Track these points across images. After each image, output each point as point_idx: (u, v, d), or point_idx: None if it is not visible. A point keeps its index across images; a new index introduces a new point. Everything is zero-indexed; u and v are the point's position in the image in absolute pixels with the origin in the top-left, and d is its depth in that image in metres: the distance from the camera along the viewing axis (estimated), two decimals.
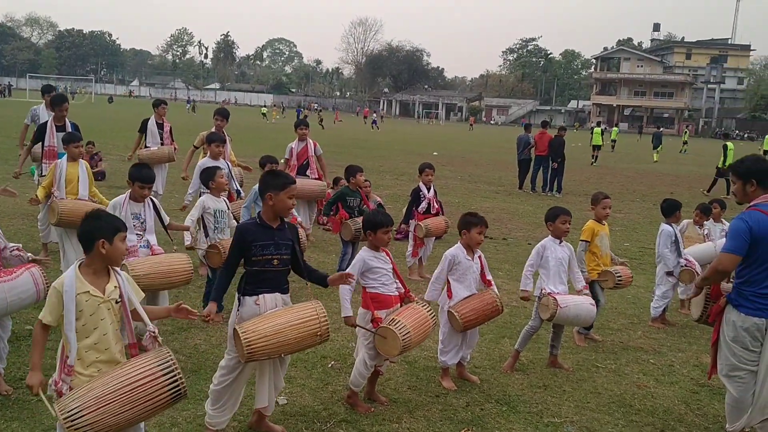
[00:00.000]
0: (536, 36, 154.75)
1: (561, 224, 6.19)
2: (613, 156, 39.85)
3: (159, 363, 3.52)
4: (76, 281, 3.52)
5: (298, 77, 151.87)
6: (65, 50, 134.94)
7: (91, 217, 3.70)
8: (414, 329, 4.90)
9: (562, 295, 6.03)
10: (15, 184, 13.93)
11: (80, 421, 3.29)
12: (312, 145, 10.38)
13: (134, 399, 3.41)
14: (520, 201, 18.02)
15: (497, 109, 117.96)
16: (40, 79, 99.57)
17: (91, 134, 16.23)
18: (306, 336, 4.37)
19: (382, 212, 5.65)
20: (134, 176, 5.98)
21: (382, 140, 40.87)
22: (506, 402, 5.43)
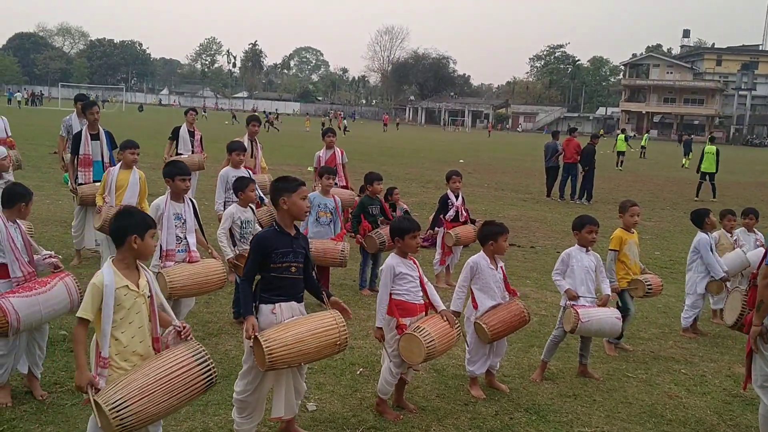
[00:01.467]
0: (564, 43, 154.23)
1: (587, 233, 6.15)
2: (642, 163, 39.49)
3: (193, 354, 3.70)
4: (115, 276, 3.64)
5: (324, 85, 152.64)
6: (96, 60, 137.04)
7: (123, 214, 3.83)
8: (439, 338, 4.90)
9: (586, 307, 5.98)
10: (47, 191, 14.23)
11: (125, 412, 3.39)
12: (339, 153, 10.44)
13: (173, 388, 3.55)
14: (548, 209, 17.92)
15: (524, 117, 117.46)
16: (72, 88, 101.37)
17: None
18: (326, 345, 4.39)
19: (409, 218, 5.66)
20: (172, 172, 6.04)
21: (408, 148, 40.90)
22: (536, 411, 5.41)
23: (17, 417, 4.70)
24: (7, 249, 4.80)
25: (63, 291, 4.85)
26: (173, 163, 6.19)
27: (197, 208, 6.30)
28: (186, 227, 5.99)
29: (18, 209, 4.97)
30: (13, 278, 4.80)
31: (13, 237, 4.86)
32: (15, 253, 4.81)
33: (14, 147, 9.47)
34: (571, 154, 19.87)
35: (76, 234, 8.90)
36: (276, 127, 51.67)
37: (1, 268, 4.84)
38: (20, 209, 4.97)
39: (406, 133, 66.20)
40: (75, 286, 4.92)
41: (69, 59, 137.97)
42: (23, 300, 4.61)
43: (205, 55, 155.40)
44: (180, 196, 6.07)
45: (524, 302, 5.99)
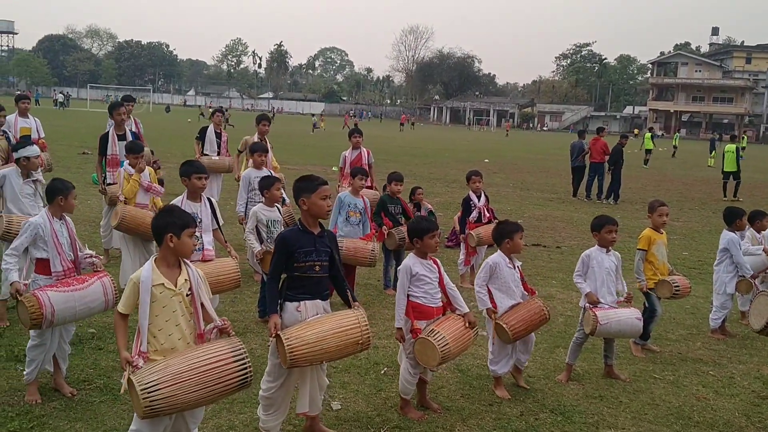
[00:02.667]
0: (590, 41, 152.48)
1: (606, 234, 6.08)
2: (670, 162, 39.06)
3: (231, 350, 3.73)
4: (152, 274, 3.72)
5: (349, 85, 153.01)
6: (124, 61, 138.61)
7: (162, 213, 3.93)
8: (453, 340, 4.87)
9: (605, 309, 5.92)
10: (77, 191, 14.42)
11: (156, 394, 3.44)
12: (366, 153, 10.46)
13: (206, 380, 3.59)
14: (574, 209, 17.78)
15: (550, 116, 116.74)
16: (100, 90, 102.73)
17: (149, 143, 16.67)
18: (348, 344, 4.41)
19: (427, 218, 5.64)
20: (188, 171, 6.11)
21: (432, 147, 40.85)
22: (561, 412, 5.37)
23: (47, 414, 4.78)
24: (50, 244, 4.92)
25: (99, 290, 4.92)
26: (189, 162, 6.25)
27: (216, 207, 6.34)
28: (202, 226, 6.05)
29: (58, 204, 5.06)
30: (54, 273, 4.92)
31: (57, 232, 4.97)
32: (57, 248, 4.94)
33: (46, 148, 9.63)
34: (598, 153, 19.71)
35: (104, 233, 9.02)
36: (231, 124, 50.55)
37: (44, 264, 4.95)
38: (60, 203, 5.05)
39: (431, 133, 66.14)
40: (111, 287, 4.99)
41: (97, 61, 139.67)
42: (60, 295, 4.70)
43: (231, 56, 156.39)
44: (197, 195, 6.13)
45: (547, 302, 5.95)
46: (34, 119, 9.70)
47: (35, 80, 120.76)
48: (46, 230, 4.94)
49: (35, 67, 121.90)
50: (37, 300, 4.59)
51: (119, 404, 4.96)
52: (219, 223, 6.34)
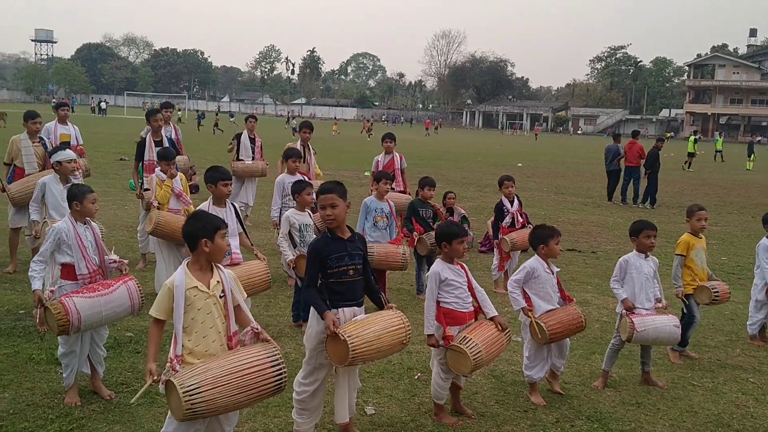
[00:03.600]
0: (625, 44, 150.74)
1: (645, 239, 5.99)
2: (708, 166, 38.38)
3: (268, 355, 3.77)
4: (186, 278, 3.77)
5: (381, 91, 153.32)
6: (160, 68, 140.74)
7: (192, 218, 3.98)
8: (486, 347, 4.84)
9: (642, 316, 5.83)
10: (114, 197, 14.68)
11: (197, 397, 3.48)
12: (398, 158, 10.46)
13: (244, 384, 3.63)
14: (609, 213, 17.57)
15: (584, 119, 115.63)
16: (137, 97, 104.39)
17: (185, 149, 16.90)
18: (396, 343, 4.49)
19: (456, 223, 5.62)
20: (214, 177, 6.19)
21: (464, 152, 40.73)
22: (597, 419, 5.31)
23: (86, 416, 4.86)
24: (74, 248, 5.00)
25: (124, 294, 4.99)
26: (215, 168, 6.32)
27: (239, 212, 6.41)
28: (228, 231, 6.10)
29: (74, 208, 5.14)
30: (80, 276, 5.00)
31: (82, 236, 5.05)
32: (82, 252, 5.01)
33: (84, 155, 9.81)
34: (634, 157, 19.47)
35: (141, 238, 9.14)
36: (221, 128, 49.58)
37: (69, 268, 5.03)
38: (76, 208, 5.13)
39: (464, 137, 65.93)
40: (137, 290, 5.05)
41: (134, 68, 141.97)
42: (86, 300, 4.78)
43: (264, 63, 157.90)
44: (222, 201, 6.20)
45: (582, 307, 5.89)
46: (73, 126, 9.90)
47: (74, 88, 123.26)
48: (70, 234, 5.02)
49: (74, 75, 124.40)
50: (64, 307, 4.67)
51: (156, 407, 5.03)
52: (243, 227, 6.41)
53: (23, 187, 8.03)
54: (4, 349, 5.97)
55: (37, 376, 5.48)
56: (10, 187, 8.20)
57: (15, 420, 4.71)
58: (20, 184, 8.13)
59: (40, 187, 6.93)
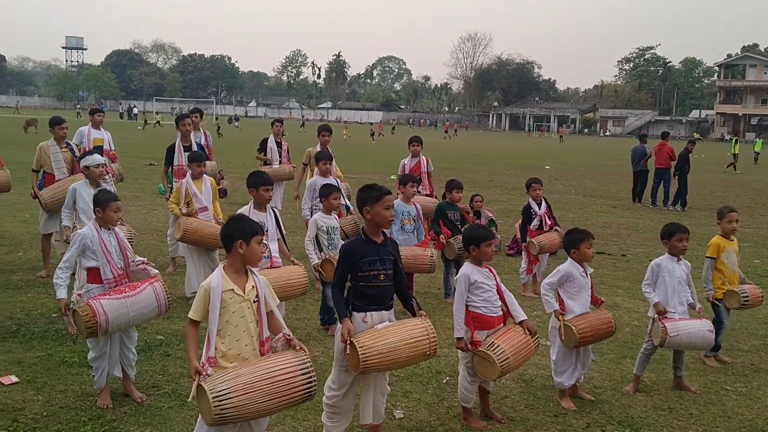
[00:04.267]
0: (654, 44, 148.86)
1: (677, 242, 5.91)
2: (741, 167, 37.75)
3: (299, 362, 3.77)
4: (222, 280, 3.79)
5: (407, 94, 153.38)
6: (188, 74, 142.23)
7: (232, 220, 4.01)
8: (513, 353, 4.80)
9: (675, 321, 5.74)
10: (144, 201, 14.86)
11: (227, 403, 3.50)
12: (425, 161, 10.45)
13: (274, 391, 3.64)
14: (639, 215, 17.38)
15: (613, 121, 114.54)
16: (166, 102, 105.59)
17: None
18: (416, 355, 4.44)
19: (483, 226, 5.60)
20: (256, 182, 6.23)
21: (491, 154, 40.58)
22: (629, 424, 5.24)
23: (117, 419, 4.91)
24: (99, 253, 5.08)
25: (151, 296, 5.03)
26: (257, 173, 6.36)
27: (279, 217, 6.44)
28: (268, 235, 6.14)
29: (97, 214, 5.23)
30: (105, 280, 5.07)
31: (106, 242, 5.13)
32: (106, 256, 5.09)
33: (116, 160, 9.96)
34: (664, 159, 19.24)
35: (171, 242, 9.23)
36: (220, 133, 47.62)
37: (95, 272, 5.11)
38: (98, 214, 5.22)
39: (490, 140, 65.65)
40: (163, 292, 5.10)
41: (163, 74, 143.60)
42: (112, 302, 4.84)
43: (291, 67, 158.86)
44: (263, 206, 6.23)
45: (612, 311, 5.83)
46: (106, 132, 10.05)
47: (104, 94, 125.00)
48: (94, 240, 5.10)
49: (104, 81, 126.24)
50: (91, 309, 4.74)
51: (187, 410, 5.07)
52: (282, 233, 6.43)
53: (54, 192, 8.15)
54: (38, 352, 6.07)
55: (70, 378, 5.55)
56: (42, 193, 8.33)
57: (49, 422, 4.78)
58: (51, 189, 8.26)
59: (71, 193, 7.03)
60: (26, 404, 5.03)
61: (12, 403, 5.00)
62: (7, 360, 5.82)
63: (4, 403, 4.93)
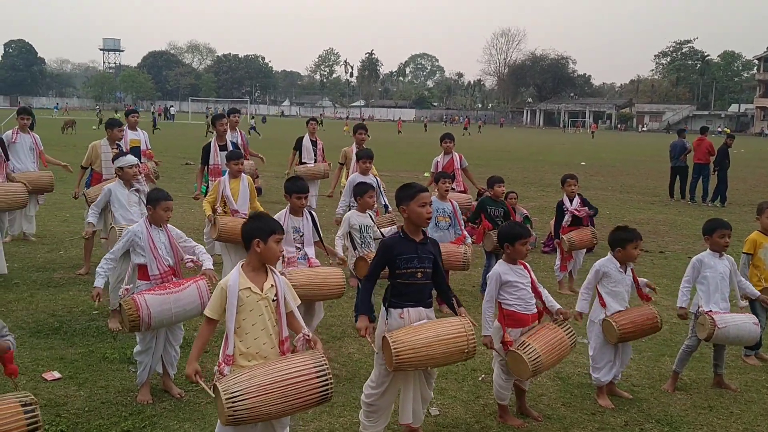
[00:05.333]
0: (691, 38, 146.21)
1: (719, 238, 5.81)
2: None
3: (314, 364, 3.73)
4: (239, 278, 3.81)
5: (439, 91, 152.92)
6: (223, 74, 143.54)
7: (251, 218, 4.03)
8: (546, 353, 4.76)
9: (722, 313, 5.65)
10: (180, 200, 15.05)
11: (240, 405, 3.50)
12: (458, 158, 10.41)
13: (288, 393, 3.61)
14: (677, 212, 17.11)
15: (649, 116, 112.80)
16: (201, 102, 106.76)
17: None
18: (453, 352, 4.39)
19: (519, 223, 5.55)
20: (291, 189, 6.27)
21: (526, 151, 40.28)
22: (668, 422, 5.17)
23: (157, 414, 5.00)
24: (147, 249, 5.19)
25: (194, 293, 5.11)
26: (293, 180, 6.41)
27: (317, 220, 6.46)
28: (303, 239, 6.18)
29: (149, 212, 5.34)
30: (152, 277, 5.17)
31: (155, 239, 5.24)
32: (154, 253, 5.20)
33: (153, 158, 10.12)
34: (703, 154, 18.90)
35: (207, 241, 9.33)
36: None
37: (143, 269, 5.23)
38: (149, 211, 5.33)
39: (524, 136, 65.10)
40: (207, 290, 5.16)
41: (198, 75, 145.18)
42: (156, 297, 4.94)
43: (323, 66, 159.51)
44: (299, 211, 6.27)
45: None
46: (142, 132, 10.23)
47: (140, 95, 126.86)
48: (143, 237, 5.21)
49: (140, 82, 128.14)
50: (135, 303, 4.84)
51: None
52: (320, 235, 6.45)
53: (100, 191, 8.31)
54: (79, 349, 6.20)
55: (111, 374, 5.66)
56: (89, 191, 8.55)
57: (90, 417, 4.88)
58: (97, 189, 8.42)
59: (105, 193, 7.13)
60: (68, 399, 5.14)
61: (55, 398, 5.11)
62: (49, 356, 5.95)
63: (47, 398, 5.04)
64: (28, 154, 9.98)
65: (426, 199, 4.54)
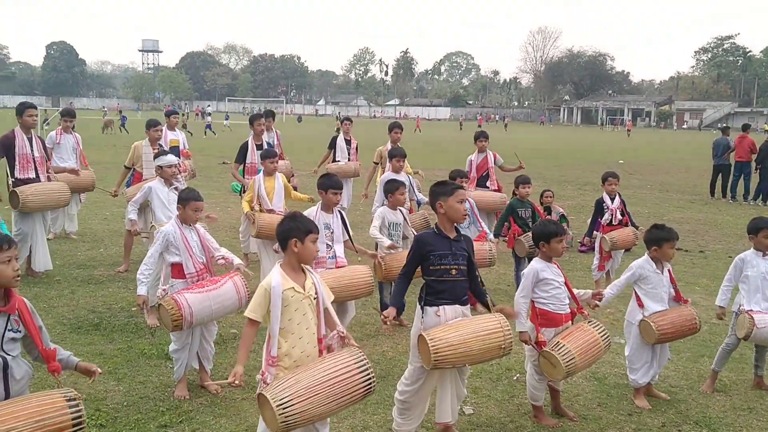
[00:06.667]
0: (733, 33, 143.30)
1: (764, 238, 5.67)
2: None
3: (355, 361, 3.77)
4: (282, 279, 3.81)
5: (475, 89, 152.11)
6: (259, 74, 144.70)
7: (287, 219, 4.03)
8: (580, 354, 4.72)
9: (762, 313, 5.53)
10: (217, 199, 15.24)
11: (291, 410, 3.51)
12: (492, 156, 10.36)
13: (335, 392, 3.64)
14: (717, 210, 16.79)
15: (690, 113, 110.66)
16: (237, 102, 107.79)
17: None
18: (490, 348, 4.38)
19: (553, 221, 5.52)
20: (326, 184, 6.33)
21: (563, 149, 39.87)
22: (706, 424, 5.08)
23: (194, 409, 5.07)
24: (181, 248, 5.28)
25: (231, 289, 5.17)
26: (328, 176, 6.46)
27: (346, 219, 6.50)
28: (334, 237, 6.21)
29: (179, 211, 5.42)
30: (188, 275, 5.25)
31: (188, 237, 5.31)
32: (189, 251, 5.28)
33: (190, 158, 10.29)
34: (745, 152, 18.52)
35: (243, 238, 9.45)
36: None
37: (178, 267, 5.30)
38: (179, 211, 5.42)
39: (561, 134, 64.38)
40: (243, 285, 5.24)
41: (234, 75, 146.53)
42: (196, 296, 5.00)
43: (358, 66, 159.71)
44: (330, 208, 6.31)
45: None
46: (180, 132, 10.42)
47: (178, 95, 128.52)
48: (177, 236, 5.29)
49: (178, 83, 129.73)
50: (176, 303, 4.89)
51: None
52: (349, 233, 6.48)
53: (138, 190, 8.47)
54: (119, 344, 6.32)
55: (149, 370, 5.76)
56: (128, 190, 8.77)
57: (129, 412, 4.98)
58: (135, 188, 8.58)
59: (146, 191, 7.25)
60: (108, 394, 5.25)
61: (95, 393, 5.22)
62: (90, 352, 6.08)
63: (87, 393, 5.14)
64: (71, 154, 10.22)
65: (463, 195, 4.57)
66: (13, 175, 8.25)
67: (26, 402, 3.26)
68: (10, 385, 3.36)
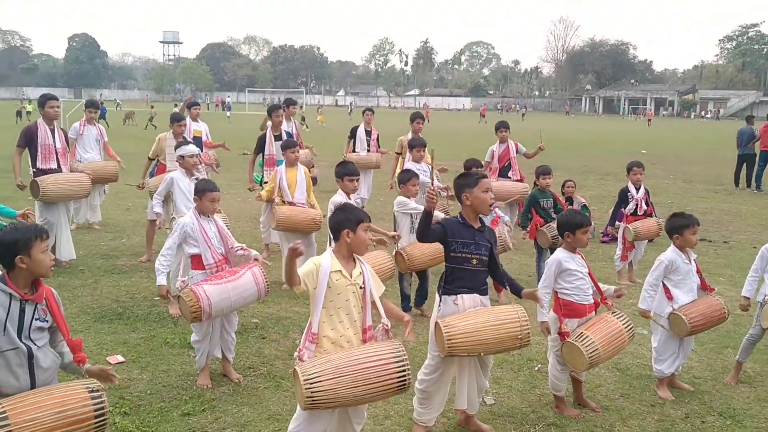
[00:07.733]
0: (758, 21, 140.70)
1: None
2: None
3: (394, 352, 3.77)
4: (332, 260, 3.86)
5: (495, 79, 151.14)
6: (279, 65, 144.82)
7: (339, 210, 4.08)
8: (603, 345, 4.69)
9: None
10: (238, 190, 15.30)
11: (318, 386, 3.55)
12: (513, 146, 10.31)
13: (365, 378, 3.65)
14: (742, 200, 16.57)
15: (713, 102, 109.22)
16: (258, 93, 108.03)
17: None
18: (506, 338, 4.37)
19: (579, 212, 5.47)
20: (341, 172, 6.38)
21: (585, 139, 39.55)
22: (730, 415, 5.03)
23: (216, 398, 5.11)
24: (200, 239, 5.29)
25: (250, 279, 5.18)
26: (344, 163, 6.48)
27: (363, 206, 6.52)
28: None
29: (195, 202, 5.46)
30: (207, 266, 5.27)
31: (206, 228, 5.34)
32: (207, 242, 5.30)
33: (213, 147, 10.37)
34: None
35: (264, 229, 9.49)
36: (154, 124, 39.47)
37: (197, 258, 5.32)
38: (195, 202, 5.46)
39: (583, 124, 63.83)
40: (262, 276, 5.24)
41: (254, 66, 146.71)
42: (215, 287, 5.01)
43: (378, 56, 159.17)
44: (347, 195, 6.32)
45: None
46: (203, 123, 10.49)
47: (199, 86, 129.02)
48: (195, 228, 5.31)
49: (198, 74, 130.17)
50: (195, 294, 4.91)
51: (281, 390, 5.22)
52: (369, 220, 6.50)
53: (160, 182, 8.54)
54: (142, 333, 6.38)
55: (172, 359, 5.81)
56: (150, 181, 8.86)
57: (152, 400, 5.02)
58: (158, 179, 8.65)
59: (168, 182, 7.29)
60: (131, 382, 5.30)
61: (119, 381, 5.26)
62: (113, 341, 6.15)
63: None
64: (95, 145, 10.32)
65: (487, 184, 4.56)
66: (35, 166, 8.34)
67: (49, 393, 3.29)
68: (37, 374, 3.39)
